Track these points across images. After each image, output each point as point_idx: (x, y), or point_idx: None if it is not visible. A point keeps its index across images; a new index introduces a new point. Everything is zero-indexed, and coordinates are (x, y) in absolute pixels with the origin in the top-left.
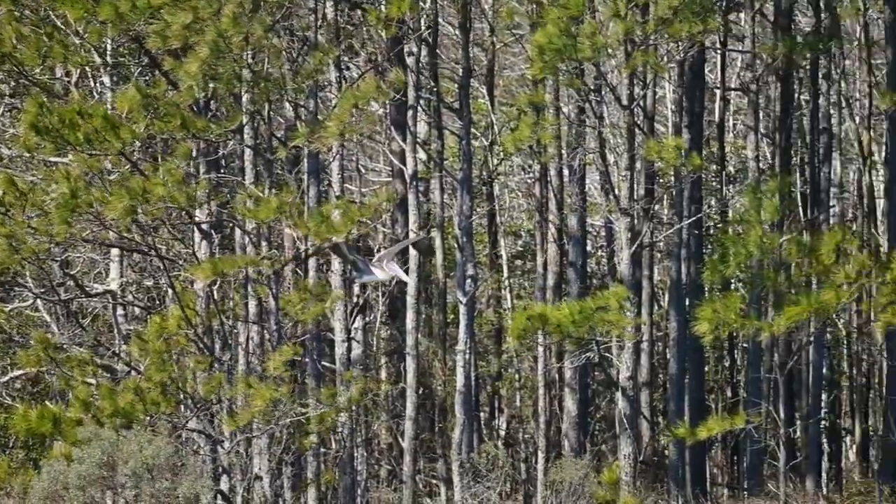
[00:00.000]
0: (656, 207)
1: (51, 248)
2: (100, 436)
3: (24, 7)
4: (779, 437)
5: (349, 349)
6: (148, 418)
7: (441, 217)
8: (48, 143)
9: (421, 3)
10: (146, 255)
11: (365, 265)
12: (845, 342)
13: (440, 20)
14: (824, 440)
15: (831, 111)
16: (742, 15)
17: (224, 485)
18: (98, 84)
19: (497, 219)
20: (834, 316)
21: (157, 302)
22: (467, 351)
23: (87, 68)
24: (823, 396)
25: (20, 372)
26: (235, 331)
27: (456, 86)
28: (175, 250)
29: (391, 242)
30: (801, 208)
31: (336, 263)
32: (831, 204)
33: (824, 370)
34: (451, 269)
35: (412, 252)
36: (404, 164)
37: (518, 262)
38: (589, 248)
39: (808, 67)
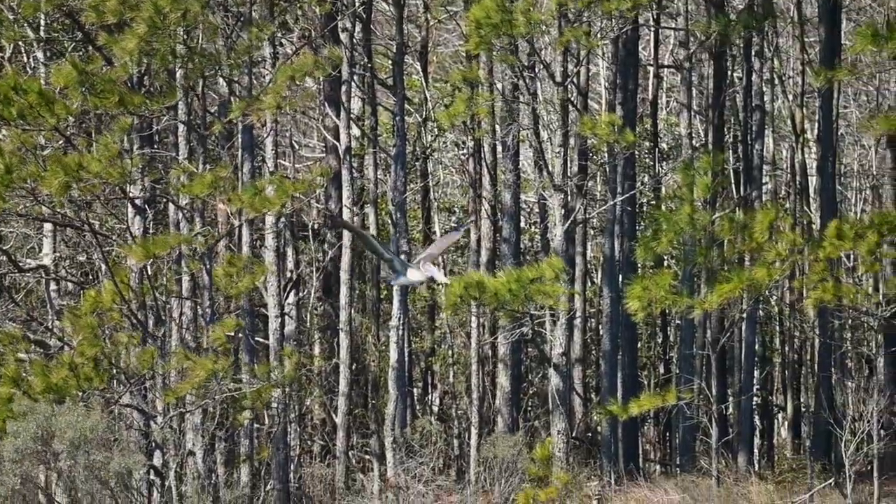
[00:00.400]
0: (590, 184)
1: None
2: (35, 410)
3: None
4: (711, 414)
5: (283, 325)
6: (81, 394)
7: (375, 193)
8: None
9: None
10: (80, 230)
11: (402, 266)
12: (777, 319)
13: None
14: (756, 417)
15: (764, 88)
16: None
17: (157, 460)
18: (31, 59)
19: (431, 195)
20: (766, 293)
21: (91, 277)
22: (401, 327)
23: (20, 43)
24: (755, 373)
25: None
26: (169, 306)
27: (390, 62)
28: (108, 226)
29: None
30: (733, 185)
31: (270, 239)
32: (764, 181)
33: (756, 347)
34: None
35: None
36: (338, 140)
37: None
38: (522, 224)
39: (741, 45)
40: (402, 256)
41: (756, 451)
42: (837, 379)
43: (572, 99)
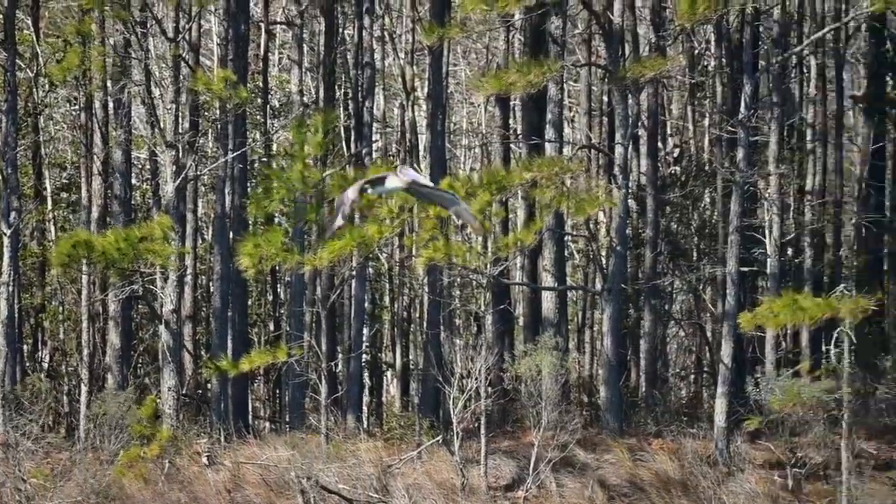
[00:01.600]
0: (201, 141)
1: None
2: None
3: None
4: (321, 371)
5: None
6: None
7: None
8: None
9: None
10: None
11: (378, 180)
12: (387, 276)
13: None
14: (366, 374)
15: (375, 46)
16: None
17: None
18: None
19: (42, 150)
20: (377, 250)
21: None
22: (11, 283)
23: None
24: (365, 330)
25: None
26: None
27: (0, 17)
28: None
29: None
30: (344, 142)
31: None
32: (374, 138)
33: (366, 304)
34: None
35: None
36: None
37: (63, 195)
38: (134, 181)
39: (352, 2)
40: None
41: (365, 408)
42: (446, 336)
43: (184, 55)
